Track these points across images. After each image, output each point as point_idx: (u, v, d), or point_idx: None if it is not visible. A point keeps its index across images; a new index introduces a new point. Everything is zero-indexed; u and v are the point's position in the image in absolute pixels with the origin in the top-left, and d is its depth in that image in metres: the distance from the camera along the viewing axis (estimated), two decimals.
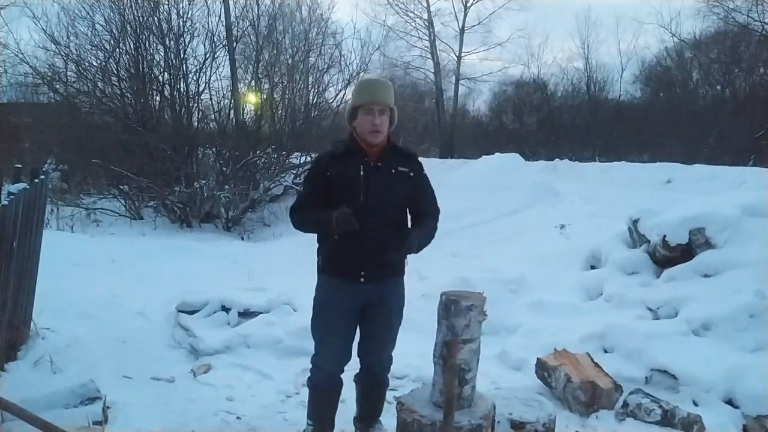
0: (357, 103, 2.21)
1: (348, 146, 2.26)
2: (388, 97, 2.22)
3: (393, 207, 2.25)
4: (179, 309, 4.11)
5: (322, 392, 2.39)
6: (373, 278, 2.24)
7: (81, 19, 9.37)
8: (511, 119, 21.15)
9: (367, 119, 2.18)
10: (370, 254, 2.21)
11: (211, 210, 8.81)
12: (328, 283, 2.29)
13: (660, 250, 4.31)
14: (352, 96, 2.27)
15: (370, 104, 2.17)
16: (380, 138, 2.21)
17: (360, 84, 2.32)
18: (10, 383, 2.76)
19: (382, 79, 2.31)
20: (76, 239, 6.58)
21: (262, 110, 10.17)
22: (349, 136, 2.30)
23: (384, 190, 2.21)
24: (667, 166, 9.75)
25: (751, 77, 16.13)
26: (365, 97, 2.19)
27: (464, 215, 7.52)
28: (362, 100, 2.19)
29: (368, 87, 2.23)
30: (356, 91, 2.27)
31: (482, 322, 2.24)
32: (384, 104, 2.20)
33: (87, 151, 8.98)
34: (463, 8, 20.83)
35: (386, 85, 2.26)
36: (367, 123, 2.19)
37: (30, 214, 3.15)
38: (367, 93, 2.20)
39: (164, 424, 2.72)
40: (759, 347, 3.30)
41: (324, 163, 2.26)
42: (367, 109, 2.18)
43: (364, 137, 2.22)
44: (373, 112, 2.17)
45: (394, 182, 2.23)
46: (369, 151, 2.23)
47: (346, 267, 2.23)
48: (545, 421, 2.47)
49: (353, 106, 2.23)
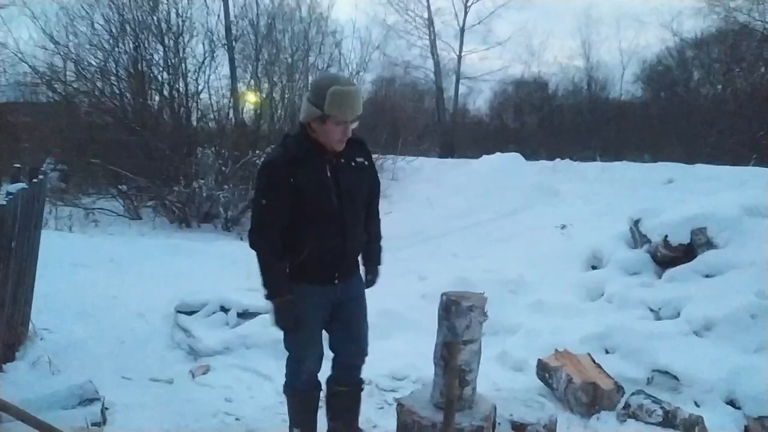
0: (333, 113, 2.00)
1: (306, 145, 2.08)
2: (361, 105, 2.08)
3: (361, 202, 2.19)
4: (178, 309, 4.09)
5: (307, 397, 2.31)
6: (345, 277, 2.20)
7: (80, 19, 9.37)
8: (511, 119, 21.12)
9: (338, 129, 2.04)
10: (347, 255, 2.17)
11: (210, 210, 8.79)
12: (301, 290, 2.14)
13: (661, 250, 4.30)
14: (323, 102, 1.99)
15: (347, 117, 2.03)
16: (343, 145, 2.10)
17: (339, 96, 2.01)
18: (9, 384, 2.74)
19: (358, 88, 2.12)
20: (75, 239, 6.57)
21: (261, 110, 10.15)
22: (304, 133, 2.10)
23: (352, 187, 2.13)
24: (668, 166, 9.74)
25: (752, 77, 16.12)
26: (345, 113, 2.01)
27: (464, 215, 7.52)
28: (341, 115, 2.01)
29: (349, 101, 2.01)
30: (334, 103, 1.99)
31: (483, 323, 2.23)
32: (358, 115, 2.07)
33: (86, 151, 8.96)
34: (463, 7, 20.81)
35: (360, 93, 2.11)
36: (337, 133, 2.04)
37: (28, 214, 3.14)
38: (348, 107, 2.01)
39: (163, 425, 2.71)
40: (761, 347, 3.29)
41: (284, 169, 2.03)
42: (339, 121, 2.03)
43: (328, 143, 2.07)
44: (345, 125, 2.05)
45: (357, 176, 2.16)
46: (329, 149, 2.09)
47: (322, 271, 2.14)
48: (546, 423, 2.46)
49: (325, 114, 2.01)
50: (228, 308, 4.05)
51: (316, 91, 2.05)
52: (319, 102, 2.02)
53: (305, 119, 2.09)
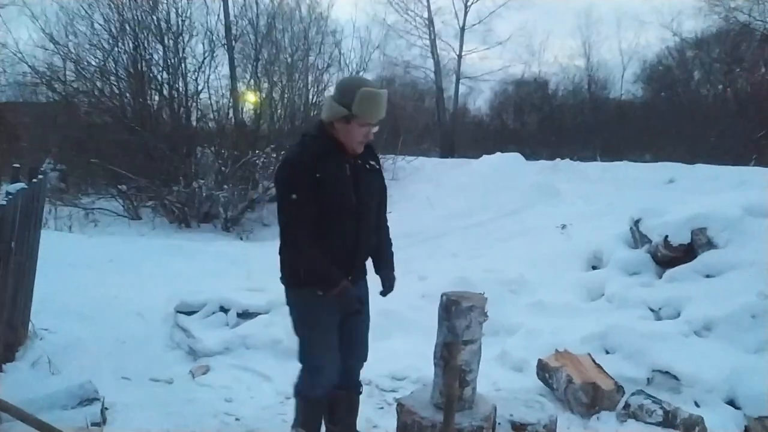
0: (360, 115, 2.02)
1: (328, 144, 2.07)
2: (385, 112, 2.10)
3: (376, 205, 2.20)
4: (178, 310, 4.09)
5: (319, 405, 2.26)
6: (356, 279, 2.18)
7: (80, 19, 9.38)
8: (512, 118, 21.12)
9: (362, 131, 2.06)
10: (360, 256, 2.17)
11: (209, 210, 8.79)
12: (317, 296, 2.08)
13: (662, 251, 4.30)
14: (351, 102, 2.00)
15: (374, 120, 2.05)
16: (362, 148, 2.12)
17: (369, 99, 2.02)
18: (9, 384, 2.74)
19: (385, 92, 2.11)
20: (75, 239, 6.57)
21: (261, 109, 10.15)
22: (324, 131, 2.09)
23: (368, 189, 2.14)
24: (668, 166, 9.73)
25: (753, 77, 16.13)
26: (373, 115, 2.03)
27: (465, 215, 7.51)
28: (369, 118, 2.03)
29: (377, 104, 2.03)
30: (364, 105, 2.01)
31: (483, 323, 2.22)
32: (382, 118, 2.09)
33: (85, 151, 8.97)
34: (463, 7, 20.79)
35: (386, 97, 2.11)
36: (361, 135, 2.06)
37: (28, 214, 3.13)
38: (376, 111, 2.03)
39: (163, 425, 2.70)
40: (761, 348, 3.29)
41: (308, 164, 2.01)
42: (366, 123, 2.05)
43: (350, 145, 2.07)
44: (371, 126, 2.07)
45: (372, 178, 2.17)
46: (349, 149, 2.10)
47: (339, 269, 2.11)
48: (546, 423, 2.45)
49: (352, 114, 2.02)
50: (228, 308, 4.04)
51: (343, 91, 2.05)
52: (346, 102, 2.02)
53: (329, 118, 2.08)
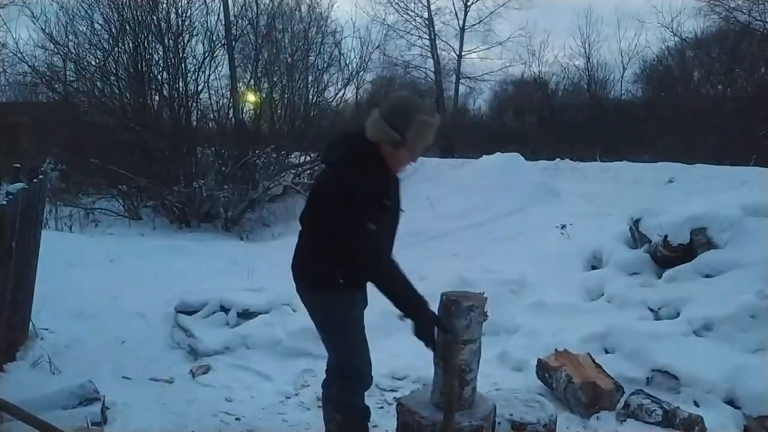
0: (414, 145, 1.98)
1: (384, 164, 2.02)
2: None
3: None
4: (178, 309, 4.10)
5: (365, 416, 2.23)
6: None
7: (80, 19, 9.39)
8: (511, 118, 21.11)
9: (409, 157, 2.04)
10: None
11: (210, 210, 8.79)
12: (353, 297, 2.12)
13: (661, 250, 4.30)
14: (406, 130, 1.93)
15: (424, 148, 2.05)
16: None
17: (424, 127, 1.97)
18: (9, 384, 2.75)
19: (439, 119, 2.06)
20: (75, 239, 6.57)
21: (261, 109, 10.15)
22: (377, 154, 2.01)
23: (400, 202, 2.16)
24: (668, 166, 9.73)
25: (753, 77, 16.13)
26: (425, 143, 2.01)
27: (464, 215, 7.51)
28: (420, 144, 1.99)
29: (432, 134, 2.01)
30: (420, 135, 1.97)
31: (483, 323, 2.23)
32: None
33: (85, 151, 8.96)
34: (463, 7, 20.84)
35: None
36: (407, 161, 2.05)
37: (28, 214, 3.14)
38: (429, 139, 2.01)
39: (163, 424, 2.71)
40: (760, 348, 3.29)
41: (382, 193, 1.98)
42: (415, 149, 2.02)
43: (392, 163, 2.03)
44: (419, 154, 2.05)
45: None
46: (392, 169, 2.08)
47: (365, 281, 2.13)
48: (546, 422, 2.46)
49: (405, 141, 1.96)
50: (228, 308, 4.05)
51: (398, 115, 1.96)
52: (400, 128, 1.94)
53: (377, 139, 1.99)
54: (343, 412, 2.16)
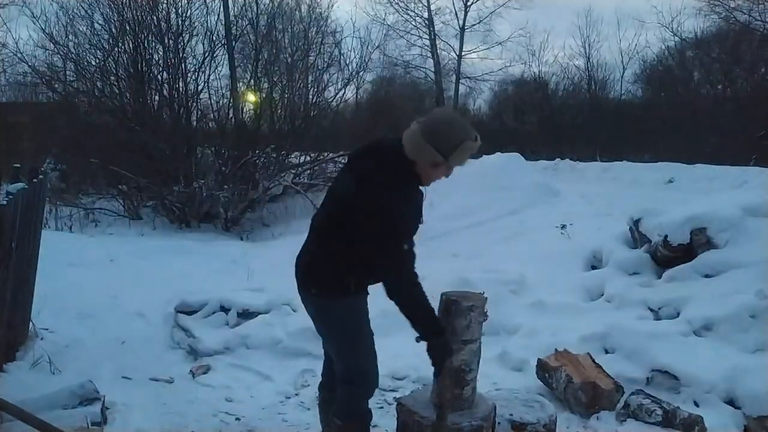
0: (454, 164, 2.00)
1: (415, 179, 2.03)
2: None
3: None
4: (178, 309, 4.10)
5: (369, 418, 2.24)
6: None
7: (80, 19, 9.39)
8: (511, 118, 21.13)
9: (445, 173, 2.04)
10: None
11: (210, 210, 8.79)
12: (363, 304, 2.15)
13: (661, 250, 4.30)
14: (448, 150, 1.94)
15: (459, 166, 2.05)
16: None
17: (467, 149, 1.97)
18: (9, 384, 2.75)
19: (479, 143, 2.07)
20: (75, 239, 6.57)
21: (261, 109, 10.15)
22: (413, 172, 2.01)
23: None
24: (668, 166, 9.76)
25: (753, 77, 16.15)
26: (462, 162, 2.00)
27: (464, 215, 7.50)
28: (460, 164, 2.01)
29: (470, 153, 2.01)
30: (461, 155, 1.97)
31: (483, 323, 2.23)
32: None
33: (86, 151, 8.96)
34: (463, 7, 20.84)
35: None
36: (441, 175, 2.04)
37: (28, 214, 3.14)
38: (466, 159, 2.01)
39: (163, 424, 2.71)
40: (760, 347, 3.29)
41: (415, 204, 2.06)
42: (450, 168, 2.03)
43: (425, 178, 2.04)
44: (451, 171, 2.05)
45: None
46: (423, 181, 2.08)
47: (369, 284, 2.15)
48: (546, 422, 2.46)
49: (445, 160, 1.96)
50: (228, 308, 4.05)
51: (443, 137, 1.94)
52: (444, 150, 1.94)
53: (417, 158, 1.97)
54: (343, 417, 2.14)
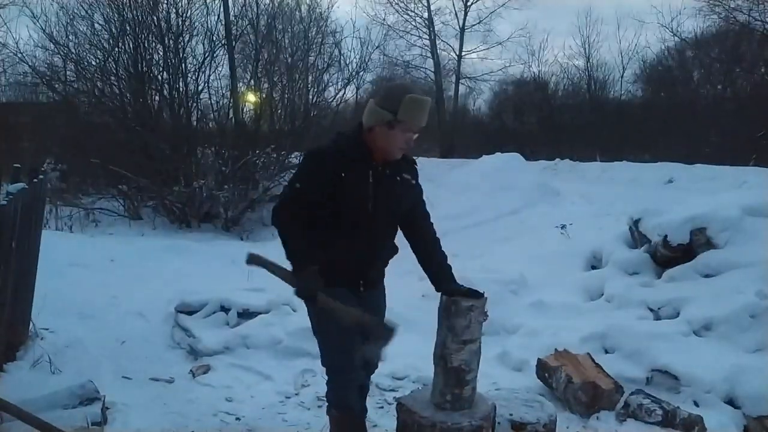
0: (405, 120, 2.02)
1: (357, 147, 2.08)
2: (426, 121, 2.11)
3: (397, 215, 2.18)
4: (178, 309, 4.09)
5: (352, 416, 2.22)
6: (370, 286, 2.19)
7: (80, 19, 9.39)
8: (511, 118, 21.12)
9: (402, 138, 2.03)
10: (373, 265, 2.17)
11: (210, 210, 8.80)
12: (332, 294, 2.07)
13: (661, 250, 4.30)
14: (398, 107, 2.01)
15: (417, 126, 2.06)
16: (401, 154, 2.12)
17: (415, 104, 2.04)
18: (9, 383, 2.74)
19: (429, 100, 2.12)
20: (75, 239, 6.57)
21: (261, 110, 10.15)
22: (358, 136, 2.09)
23: (390, 199, 2.12)
24: (668, 166, 9.76)
25: (753, 77, 16.15)
26: (418, 120, 2.04)
27: (465, 215, 7.52)
28: (413, 122, 2.03)
29: (423, 110, 2.05)
30: (410, 110, 2.02)
31: (483, 323, 2.23)
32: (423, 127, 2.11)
33: (86, 151, 8.96)
34: (463, 7, 20.83)
35: (429, 105, 2.13)
36: (401, 141, 2.05)
37: (28, 214, 3.14)
38: (421, 116, 2.04)
39: (163, 424, 2.71)
40: (760, 347, 3.29)
41: (332, 161, 2.03)
42: (407, 129, 2.04)
43: (389, 150, 2.06)
44: (413, 133, 2.06)
45: (399, 190, 2.16)
46: (377, 156, 2.09)
47: (347, 275, 2.12)
48: (546, 422, 2.45)
49: (397, 120, 2.02)
50: (228, 308, 4.05)
51: (389, 96, 2.06)
52: (391, 107, 2.02)
53: (372, 123, 2.06)
54: (333, 406, 2.21)
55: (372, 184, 2.07)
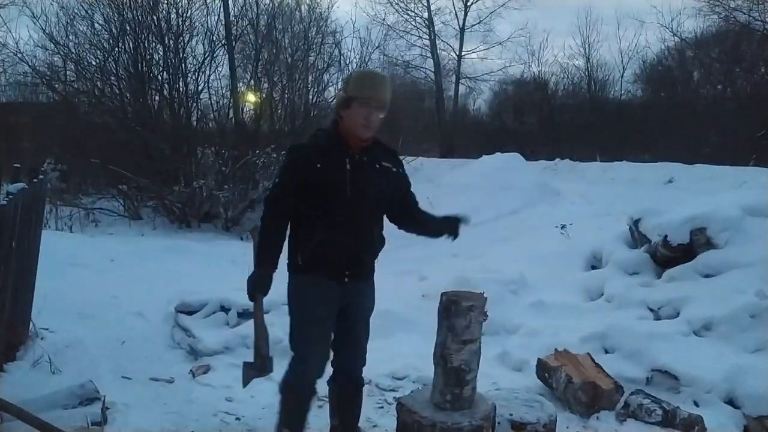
0: (356, 94, 2.09)
1: (332, 138, 2.15)
2: (388, 94, 2.16)
3: (377, 203, 2.20)
4: (178, 309, 4.09)
5: (304, 400, 2.29)
6: (356, 277, 2.18)
7: (80, 19, 9.41)
8: (511, 118, 21.11)
9: (362, 112, 2.09)
10: (356, 252, 2.16)
11: (210, 210, 8.80)
12: (312, 283, 2.15)
13: (661, 250, 4.30)
14: (349, 85, 2.14)
15: (370, 99, 2.09)
16: (371, 133, 2.14)
17: (362, 76, 2.22)
18: (9, 384, 2.74)
19: (385, 75, 2.25)
20: (75, 239, 6.57)
21: (261, 110, 10.16)
22: (333, 126, 2.18)
23: (369, 186, 2.14)
24: (668, 166, 9.76)
25: (753, 77, 16.14)
26: (367, 91, 2.10)
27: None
28: (362, 93, 2.10)
29: (371, 81, 2.14)
30: (357, 82, 2.13)
31: (483, 323, 2.23)
32: (383, 101, 2.14)
33: (86, 151, 8.97)
34: (463, 7, 20.82)
35: (388, 82, 2.21)
36: (361, 116, 2.09)
37: (28, 214, 3.14)
38: (370, 87, 2.11)
39: (163, 424, 2.71)
40: (760, 347, 3.29)
41: (307, 154, 2.13)
42: (363, 103, 2.09)
43: (355, 130, 2.11)
44: (369, 107, 2.09)
45: (379, 178, 2.18)
46: (354, 144, 2.14)
47: (331, 266, 2.14)
48: (546, 422, 2.46)
49: (349, 96, 2.11)
50: (228, 308, 4.05)
51: (346, 80, 2.23)
52: (346, 86, 2.17)
53: (336, 107, 2.22)
54: (284, 395, 2.30)
55: (349, 171, 2.12)
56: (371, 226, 2.20)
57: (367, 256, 2.24)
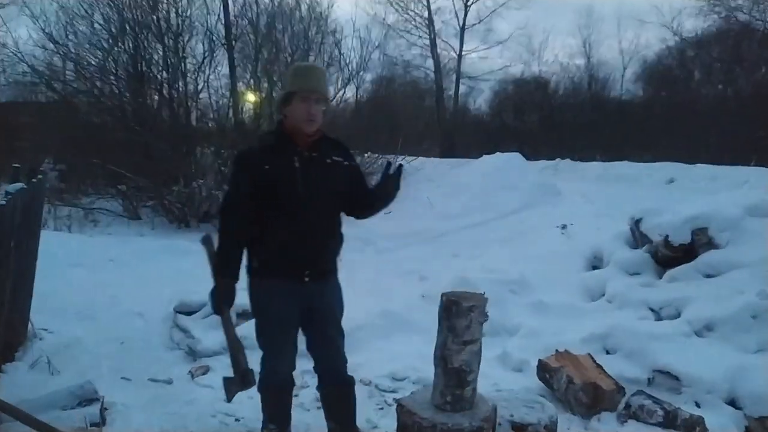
0: (295, 89, 2.10)
1: (279, 138, 2.15)
2: (325, 85, 2.16)
3: (331, 198, 2.18)
4: (177, 310, 4.08)
5: (280, 393, 2.31)
6: (317, 277, 2.16)
7: (80, 18, 9.39)
8: (512, 118, 21.12)
9: (302, 107, 2.09)
10: (313, 251, 2.15)
11: (209, 210, 8.77)
12: (269, 286, 2.15)
13: (662, 250, 4.29)
14: (286, 81, 2.19)
15: (307, 92, 2.09)
16: (315, 127, 2.12)
17: (298, 70, 2.21)
18: (8, 384, 2.74)
19: (320, 66, 2.25)
20: (74, 239, 6.56)
21: (261, 109, 10.15)
22: (278, 127, 2.20)
23: (322, 181, 2.13)
24: (669, 166, 9.74)
25: (753, 76, 16.15)
26: (302, 84, 2.10)
27: (465, 215, 7.51)
28: (299, 87, 2.09)
29: (305, 74, 2.13)
30: (292, 77, 2.15)
31: (483, 324, 2.22)
32: (321, 93, 2.12)
33: (85, 151, 8.97)
34: (463, 6, 20.85)
35: (324, 73, 2.21)
36: (302, 111, 2.09)
37: (27, 214, 3.13)
38: (305, 80, 2.11)
39: (162, 425, 2.70)
40: (762, 348, 3.28)
41: (254, 158, 2.12)
42: (303, 97, 2.09)
43: (298, 126, 2.11)
44: (309, 100, 2.09)
45: (330, 172, 2.16)
46: (301, 141, 2.12)
47: (289, 267, 2.13)
48: (547, 423, 2.45)
49: (287, 92, 2.12)
50: None
51: (284, 76, 2.22)
52: (285, 84, 2.22)
53: (278, 105, 2.25)
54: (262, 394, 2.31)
55: (299, 168, 2.11)
56: (327, 223, 2.18)
57: (325, 254, 2.21)
